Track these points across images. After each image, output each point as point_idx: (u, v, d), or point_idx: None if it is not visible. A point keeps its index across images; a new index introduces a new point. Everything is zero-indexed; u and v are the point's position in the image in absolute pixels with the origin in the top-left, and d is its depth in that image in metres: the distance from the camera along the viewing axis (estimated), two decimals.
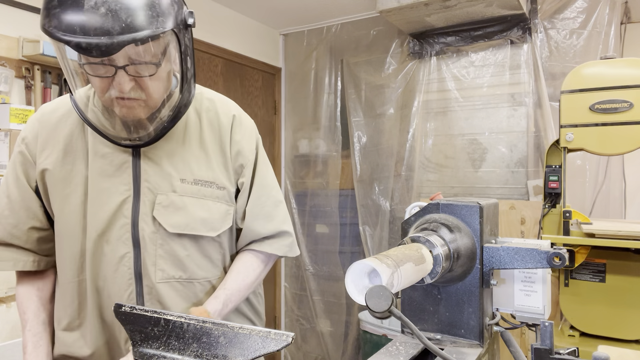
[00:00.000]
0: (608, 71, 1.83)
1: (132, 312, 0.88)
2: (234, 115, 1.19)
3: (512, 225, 2.56)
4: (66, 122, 1.10)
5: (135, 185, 1.06)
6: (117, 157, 1.07)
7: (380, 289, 0.70)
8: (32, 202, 1.11)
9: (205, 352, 0.80)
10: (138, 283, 1.07)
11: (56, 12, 0.85)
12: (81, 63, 0.93)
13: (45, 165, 1.08)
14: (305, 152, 3.57)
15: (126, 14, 0.86)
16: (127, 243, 1.06)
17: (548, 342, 0.82)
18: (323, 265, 3.47)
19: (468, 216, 0.97)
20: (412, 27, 2.93)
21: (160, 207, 1.06)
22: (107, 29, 0.84)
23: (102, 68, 0.92)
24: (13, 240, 1.11)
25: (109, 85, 0.95)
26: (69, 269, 1.10)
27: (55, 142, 1.09)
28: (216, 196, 1.12)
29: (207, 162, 1.13)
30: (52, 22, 0.85)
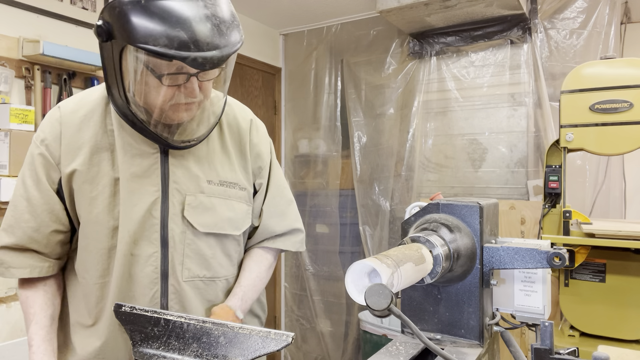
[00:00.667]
0: (608, 71, 1.83)
1: (132, 312, 0.89)
2: (251, 120, 1.25)
3: (512, 225, 2.56)
4: (89, 122, 1.08)
5: (163, 186, 1.08)
6: (145, 159, 1.07)
7: (380, 287, 0.71)
8: (55, 204, 1.08)
9: (205, 352, 0.80)
10: (163, 282, 1.08)
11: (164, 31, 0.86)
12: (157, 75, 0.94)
13: (74, 167, 1.06)
14: (305, 152, 3.57)
15: (226, 27, 0.92)
16: (155, 243, 1.08)
17: (548, 342, 0.82)
18: (323, 265, 3.47)
19: (468, 216, 0.97)
20: (412, 27, 2.93)
21: (189, 208, 1.10)
22: (217, 43, 0.90)
23: (180, 77, 0.95)
24: (32, 244, 1.08)
25: (175, 92, 0.97)
26: (95, 270, 1.08)
27: (80, 143, 1.07)
28: (239, 197, 1.17)
29: (229, 164, 1.18)
30: (159, 41, 0.86)
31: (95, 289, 1.09)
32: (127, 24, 0.87)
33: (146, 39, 0.86)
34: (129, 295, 1.08)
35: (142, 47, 0.87)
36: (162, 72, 0.94)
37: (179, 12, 0.87)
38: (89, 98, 1.11)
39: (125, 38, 0.89)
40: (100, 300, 1.10)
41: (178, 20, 0.87)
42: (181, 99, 0.99)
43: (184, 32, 0.87)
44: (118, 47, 0.92)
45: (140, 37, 0.87)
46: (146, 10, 0.87)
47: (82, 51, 2.18)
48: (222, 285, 1.18)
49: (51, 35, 2.18)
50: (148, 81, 0.96)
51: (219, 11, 0.93)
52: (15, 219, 1.08)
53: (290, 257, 3.65)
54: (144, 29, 0.86)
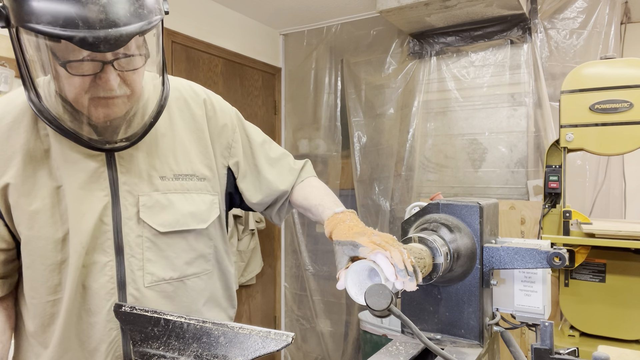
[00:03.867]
0: (608, 71, 1.83)
1: (132, 312, 0.89)
2: (204, 100, 1.15)
3: (512, 225, 2.56)
4: (18, 129, 0.96)
5: (113, 190, 1.00)
6: (89, 163, 0.98)
7: (380, 288, 0.71)
8: None
9: (205, 352, 0.80)
10: (121, 292, 1.00)
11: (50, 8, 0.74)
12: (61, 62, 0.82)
13: (7, 180, 0.95)
14: (305, 152, 3.57)
15: (126, 5, 0.79)
16: (108, 251, 1.00)
17: (548, 342, 0.82)
18: (323, 265, 3.47)
19: (468, 216, 0.97)
20: (412, 27, 2.93)
21: (145, 209, 1.02)
22: (113, 19, 0.77)
23: (87, 65, 0.82)
24: None
25: (90, 83, 0.85)
26: (44, 288, 0.99)
27: (10, 153, 0.95)
28: (198, 188, 1.10)
29: (184, 154, 1.09)
30: (42, 17, 0.74)
31: (48, 307, 1.00)
32: (17, 4, 0.76)
33: (30, 17, 0.74)
34: (85, 308, 1.00)
35: (27, 26, 0.75)
36: (65, 59, 0.81)
37: None
38: (15, 101, 0.98)
39: (15, 20, 0.77)
40: (52, 316, 1.01)
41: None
42: (99, 92, 0.86)
43: (71, 6, 0.74)
44: (16, 34, 0.81)
45: (24, 15, 0.75)
46: None
47: None
48: (192, 285, 1.10)
49: None
50: (57, 71, 0.84)
51: None
52: None
53: (290, 257, 3.65)
54: (29, 6, 0.74)
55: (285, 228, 3.65)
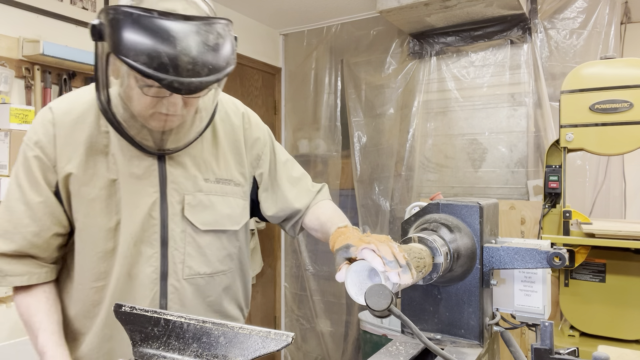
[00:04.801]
0: (608, 71, 1.83)
1: (132, 312, 0.88)
2: (242, 114, 1.26)
3: (512, 225, 2.56)
4: (83, 124, 1.05)
5: (162, 187, 1.09)
6: (143, 161, 1.07)
7: (380, 288, 0.71)
8: (55, 207, 1.05)
9: (205, 352, 0.80)
10: (163, 283, 1.09)
11: (147, 50, 0.85)
12: (139, 85, 0.93)
13: (70, 170, 1.03)
14: (305, 152, 3.57)
15: (213, 57, 0.90)
16: (155, 244, 1.08)
17: (548, 342, 0.82)
18: (323, 265, 3.47)
19: (468, 216, 0.97)
20: (412, 27, 2.93)
21: (189, 207, 1.11)
22: (198, 71, 0.88)
23: (162, 91, 0.94)
24: (31, 249, 1.04)
25: (157, 102, 0.96)
26: (91, 274, 1.07)
27: (75, 145, 1.04)
28: (235, 193, 1.20)
29: (224, 161, 1.19)
30: (140, 58, 0.85)
31: (92, 293, 1.07)
32: (116, 32, 0.86)
33: (128, 52, 0.85)
34: (130, 297, 1.07)
35: (123, 59, 0.86)
36: (144, 83, 0.93)
37: (168, 32, 0.86)
38: (81, 99, 1.08)
39: (111, 45, 0.88)
40: (96, 304, 1.08)
41: (165, 40, 0.85)
42: (162, 109, 0.97)
43: (167, 54, 0.85)
44: (106, 50, 0.91)
45: (123, 48, 0.86)
46: (137, 23, 0.85)
47: (82, 51, 2.18)
48: (219, 281, 1.19)
49: (51, 35, 2.18)
50: (130, 87, 0.96)
51: (212, 39, 0.90)
52: (12, 224, 1.03)
53: (290, 257, 3.66)
54: (129, 41, 0.85)
55: None
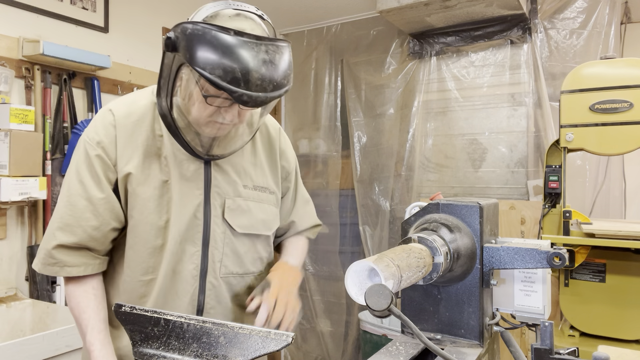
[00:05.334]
0: (608, 71, 1.83)
1: (132, 312, 0.89)
2: (279, 129, 1.37)
3: (512, 225, 2.56)
4: (141, 127, 1.14)
5: (206, 190, 1.16)
6: (192, 164, 1.15)
7: (380, 288, 0.71)
8: (115, 203, 1.12)
9: (205, 352, 0.80)
10: (202, 280, 1.16)
11: (223, 64, 0.94)
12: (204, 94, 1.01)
13: (129, 169, 1.11)
14: (305, 152, 3.57)
15: (278, 75, 1.00)
16: (197, 243, 1.16)
17: (548, 342, 0.82)
18: (323, 265, 3.47)
19: (468, 216, 0.97)
20: (412, 27, 2.93)
21: (229, 210, 1.19)
22: (265, 87, 0.98)
23: (222, 101, 1.03)
24: (90, 242, 1.11)
25: (215, 112, 1.04)
26: (140, 268, 1.14)
27: (134, 146, 1.12)
28: (269, 200, 1.28)
29: (261, 170, 1.28)
30: (215, 71, 0.94)
31: (139, 286, 1.14)
32: (193, 46, 0.95)
33: (205, 65, 0.94)
34: (172, 292, 1.14)
35: (199, 71, 0.94)
36: (209, 94, 1.01)
37: (241, 50, 0.95)
38: (139, 103, 1.16)
39: (187, 58, 0.96)
40: (143, 296, 1.15)
41: (238, 58, 0.95)
42: (219, 118, 1.06)
43: (239, 69, 0.94)
44: (178, 61, 1.00)
45: (200, 62, 0.94)
46: (213, 40, 0.95)
47: (82, 51, 2.18)
48: (249, 280, 1.27)
49: (51, 35, 2.18)
50: (194, 96, 1.04)
51: (277, 59, 1.00)
52: (75, 217, 1.10)
53: None
54: (206, 56, 0.94)
55: None
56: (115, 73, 2.43)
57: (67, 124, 2.22)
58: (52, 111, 2.16)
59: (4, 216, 2.01)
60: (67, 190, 1.12)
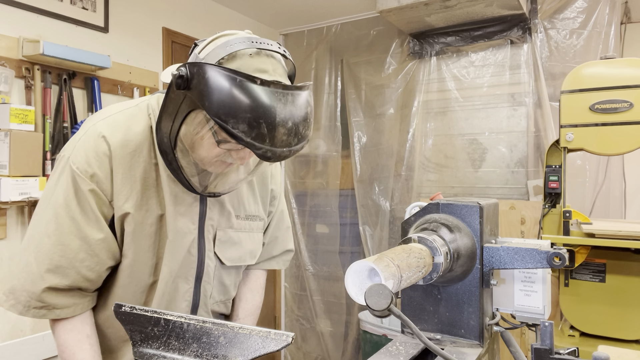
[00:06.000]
0: (608, 71, 1.83)
1: (132, 312, 0.88)
2: None
3: (512, 225, 2.56)
4: (139, 159, 1.02)
5: (200, 223, 1.09)
6: (188, 197, 1.07)
7: (380, 288, 0.71)
8: (112, 242, 1.02)
9: (205, 352, 0.80)
10: (193, 313, 1.12)
11: (247, 119, 0.84)
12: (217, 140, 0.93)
13: (127, 209, 1.01)
14: (305, 152, 3.57)
15: (303, 128, 0.91)
16: (190, 279, 1.10)
17: (548, 342, 0.82)
18: (323, 265, 3.47)
19: (468, 216, 0.97)
20: (412, 27, 2.93)
21: (219, 243, 1.13)
22: (289, 142, 0.89)
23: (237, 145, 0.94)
24: (83, 283, 1.01)
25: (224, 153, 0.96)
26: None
27: (132, 181, 1.01)
28: (259, 228, 1.23)
29: (254, 197, 1.21)
30: (239, 126, 0.84)
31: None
32: (212, 93, 0.84)
33: (227, 117, 0.84)
34: None
35: (219, 123, 0.84)
36: (223, 139, 0.92)
37: (267, 103, 0.85)
38: (135, 129, 1.03)
39: (205, 105, 0.85)
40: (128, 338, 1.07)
41: (264, 112, 0.84)
42: (227, 159, 0.99)
43: (265, 126, 0.85)
44: (190, 103, 0.89)
45: (221, 112, 0.84)
46: (235, 92, 0.84)
47: (82, 51, 2.18)
48: (229, 305, 1.27)
49: (51, 35, 2.18)
50: (205, 138, 0.94)
51: (300, 111, 0.90)
52: (67, 259, 0.98)
53: None
54: (228, 109, 0.84)
55: None
56: (115, 73, 2.43)
57: (67, 124, 2.22)
58: (52, 111, 2.16)
59: (4, 216, 2.00)
60: (56, 228, 0.98)
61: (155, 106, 1.06)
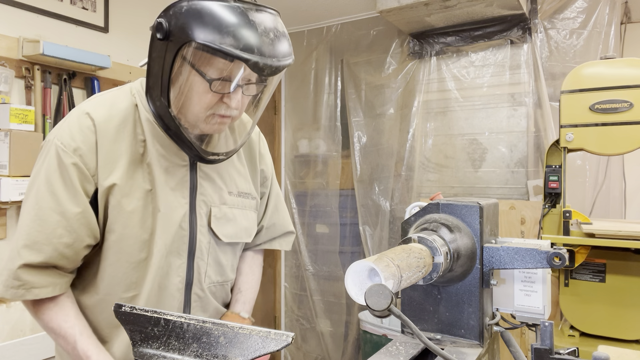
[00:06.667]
0: (608, 71, 1.83)
1: (132, 312, 0.88)
2: (259, 133, 1.32)
3: (512, 225, 2.56)
4: (123, 132, 1.03)
5: (191, 198, 1.10)
6: (177, 171, 1.08)
7: (380, 288, 0.71)
8: (91, 218, 1.01)
9: (205, 352, 0.80)
10: (187, 292, 1.11)
11: (232, 32, 0.89)
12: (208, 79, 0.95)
13: (113, 180, 1.00)
14: (305, 152, 3.57)
15: (284, 42, 0.97)
16: (182, 254, 1.09)
17: (548, 342, 0.82)
18: (323, 265, 3.47)
19: (468, 216, 0.97)
20: (412, 27, 2.93)
21: (215, 219, 1.13)
22: (276, 54, 0.94)
23: (226, 85, 0.98)
24: (60, 261, 0.99)
25: (215, 103, 0.99)
26: (122, 285, 1.05)
27: (118, 154, 1.02)
28: (252, 206, 1.24)
29: (244, 175, 1.23)
30: (226, 40, 0.88)
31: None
32: (195, 21, 0.89)
33: (213, 37, 0.88)
34: (158, 307, 1.05)
35: (208, 44, 0.88)
36: (213, 77, 0.95)
37: (246, 19, 0.91)
38: (119, 105, 1.05)
39: (190, 35, 0.89)
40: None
41: (245, 25, 0.90)
42: (220, 110, 1.00)
43: (250, 37, 0.90)
44: (175, 47, 0.92)
45: (207, 35, 0.88)
46: (215, 12, 0.89)
47: (82, 51, 2.18)
48: (227, 288, 1.24)
49: (51, 35, 2.18)
50: (195, 85, 0.97)
51: (279, 27, 0.97)
52: (44, 234, 0.97)
53: (290, 257, 3.65)
54: (212, 28, 0.88)
55: None
56: (115, 73, 2.43)
57: None
58: (52, 111, 2.16)
59: (4, 216, 2.01)
60: (36, 203, 0.98)
61: (138, 87, 1.09)
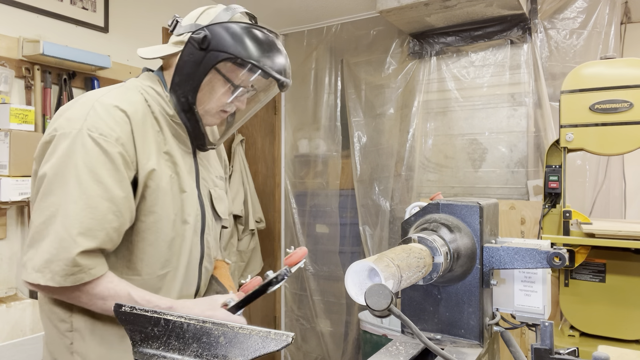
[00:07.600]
0: (608, 71, 1.83)
1: (132, 312, 0.88)
2: None
3: (512, 225, 2.56)
4: (146, 125, 1.14)
5: (197, 182, 1.24)
6: (187, 158, 1.23)
7: (380, 288, 0.71)
8: (132, 202, 1.09)
9: (205, 352, 0.80)
10: (200, 266, 1.24)
11: (270, 55, 1.15)
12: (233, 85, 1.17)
13: (152, 166, 1.11)
14: (305, 152, 3.57)
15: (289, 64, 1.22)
16: (197, 232, 1.22)
17: (548, 342, 0.82)
18: (323, 265, 3.47)
19: (468, 216, 0.97)
20: (412, 27, 2.93)
21: (215, 199, 1.29)
22: (290, 74, 1.21)
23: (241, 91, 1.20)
24: (107, 244, 1.05)
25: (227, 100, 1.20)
26: (157, 263, 1.14)
27: (149, 142, 1.13)
28: (224, 188, 1.39)
29: (217, 161, 1.40)
30: (266, 62, 1.14)
31: (156, 281, 1.14)
32: (242, 42, 1.12)
33: (258, 58, 1.12)
34: (187, 281, 1.20)
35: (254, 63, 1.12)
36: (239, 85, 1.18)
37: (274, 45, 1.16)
38: (134, 98, 1.15)
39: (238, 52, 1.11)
40: (158, 290, 1.14)
41: (277, 51, 1.16)
42: (228, 107, 1.22)
43: (281, 62, 1.16)
44: (214, 57, 1.12)
45: (253, 55, 1.12)
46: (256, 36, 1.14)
47: (82, 51, 2.18)
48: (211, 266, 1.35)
49: (51, 35, 2.18)
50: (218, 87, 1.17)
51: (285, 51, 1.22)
52: (97, 220, 1.02)
53: None
54: (256, 50, 1.13)
55: (285, 228, 3.65)
56: (115, 73, 2.43)
57: None
58: (52, 111, 2.16)
59: (4, 216, 2.01)
60: (83, 193, 1.02)
61: (145, 85, 1.20)
